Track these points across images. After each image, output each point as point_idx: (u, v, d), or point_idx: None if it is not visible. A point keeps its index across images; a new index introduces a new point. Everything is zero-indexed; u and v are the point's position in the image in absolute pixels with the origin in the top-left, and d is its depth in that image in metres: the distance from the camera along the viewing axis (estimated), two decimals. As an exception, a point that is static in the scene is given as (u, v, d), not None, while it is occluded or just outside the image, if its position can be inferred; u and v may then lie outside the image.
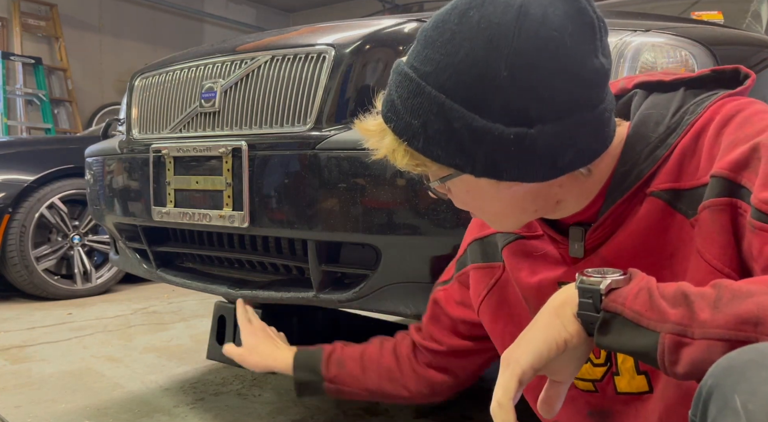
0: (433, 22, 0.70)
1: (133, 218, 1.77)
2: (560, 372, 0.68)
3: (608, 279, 0.63)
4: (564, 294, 0.67)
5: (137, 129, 1.80)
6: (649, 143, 0.74)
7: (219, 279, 1.66)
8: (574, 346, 0.65)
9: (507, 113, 0.65)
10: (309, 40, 1.46)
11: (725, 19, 2.04)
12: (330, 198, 1.32)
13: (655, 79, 0.80)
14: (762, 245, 0.62)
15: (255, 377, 2.15)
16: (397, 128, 0.71)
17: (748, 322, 0.54)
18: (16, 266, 3.38)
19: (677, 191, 0.72)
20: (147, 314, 3.18)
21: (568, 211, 0.78)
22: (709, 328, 0.56)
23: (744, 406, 0.48)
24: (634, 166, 0.74)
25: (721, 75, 0.78)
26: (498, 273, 0.93)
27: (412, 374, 1.11)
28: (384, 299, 1.35)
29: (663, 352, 0.58)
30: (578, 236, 0.79)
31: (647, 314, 0.60)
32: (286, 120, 1.42)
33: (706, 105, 0.73)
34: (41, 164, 3.48)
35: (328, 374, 1.15)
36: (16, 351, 2.52)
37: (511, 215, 0.78)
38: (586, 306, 0.64)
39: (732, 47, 1.50)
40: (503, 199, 0.74)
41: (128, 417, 1.82)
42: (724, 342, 0.55)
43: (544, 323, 0.66)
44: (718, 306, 0.56)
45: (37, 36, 7.29)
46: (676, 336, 0.57)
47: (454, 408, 1.87)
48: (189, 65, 1.66)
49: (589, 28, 0.67)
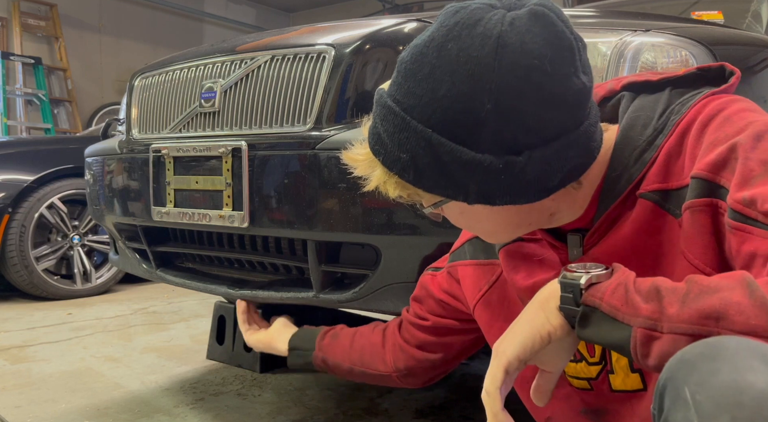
0: (411, 53, 0.70)
1: (132, 218, 1.77)
2: (548, 363, 0.72)
3: (589, 274, 0.66)
4: (548, 289, 0.70)
5: (137, 129, 1.80)
6: (637, 147, 0.75)
7: (219, 279, 1.66)
8: (559, 338, 0.68)
9: (494, 143, 0.66)
10: (309, 40, 1.46)
11: (725, 19, 2.04)
12: (330, 198, 1.32)
13: (642, 79, 0.81)
14: (739, 245, 0.64)
15: (255, 377, 2.15)
16: (386, 161, 0.72)
17: (710, 317, 0.56)
18: (16, 266, 3.38)
19: (665, 191, 0.72)
20: (147, 315, 3.18)
21: (563, 220, 0.79)
22: (675, 323, 0.58)
23: (693, 397, 0.49)
24: (624, 170, 0.75)
25: (707, 73, 0.79)
26: (499, 271, 0.94)
27: (392, 348, 1.15)
28: (384, 299, 1.35)
29: (635, 346, 0.60)
30: (576, 242, 0.80)
31: (623, 309, 0.62)
32: (286, 120, 1.42)
33: (690, 105, 0.74)
34: (41, 164, 3.48)
35: (321, 342, 1.24)
36: (16, 351, 2.52)
37: (505, 232, 0.79)
38: (567, 300, 0.66)
39: (732, 47, 1.50)
40: (497, 218, 0.75)
41: (128, 417, 1.82)
42: (687, 336, 0.57)
43: (530, 316, 0.70)
44: (686, 301, 0.58)
45: (37, 36, 7.29)
46: (647, 330, 0.59)
47: (454, 408, 1.87)
48: (189, 65, 1.66)
49: (568, 51, 0.67)
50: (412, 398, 1.95)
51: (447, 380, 2.13)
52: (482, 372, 2.31)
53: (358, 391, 2.01)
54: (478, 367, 2.27)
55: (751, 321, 0.54)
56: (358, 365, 1.19)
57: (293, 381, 2.11)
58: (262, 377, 2.15)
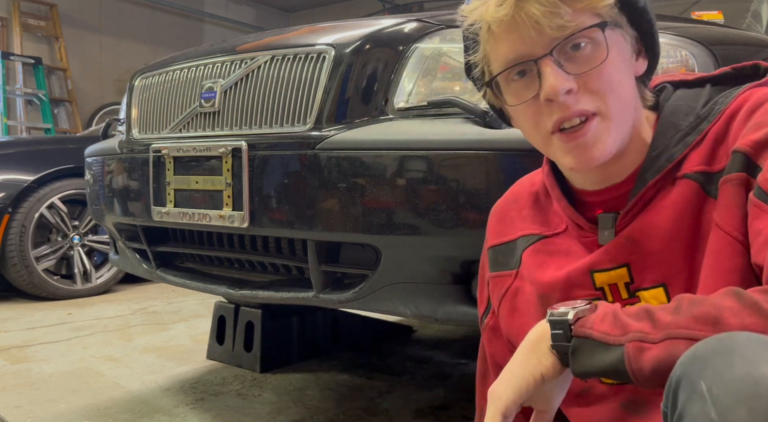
0: None
1: (132, 218, 1.77)
2: (542, 403, 0.74)
3: (576, 309, 0.68)
4: (538, 330, 0.71)
5: (137, 129, 1.80)
6: (679, 130, 0.76)
7: (219, 279, 1.66)
8: (551, 378, 0.69)
9: None
10: (309, 40, 1.46)
11: (725, 19, 2.04)
12: (330, 198, 1.32)
13: (678, 78, 0.82)
14: (752, 219, 0.66)
15: (255, 377, 2.15)
16: None
17: (707, 322, 0.58)
18: (16, 266, 3.38)
19: (709, 174, 0.73)
20: (147, 315, 3.18)
21: (618, 169, 0.77)
22: (672, 329, 0.60)
23: (709, 390, 0.51)
24: (665, 150, 0.75)
25: (740, 72, 0.80)
26: (508, 282, 0.93)
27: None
28: (384, 299, 1.35)
29: (629, 361, 0.61)
30: (609, 223, 0.79)
31: (613, 332, 0.64)
32: (286, 120, 1.42)
33: (735, 95, 0.75)
34: (41, 164, 3.48)
35: None
36: (16, 351, 2.52)
37: (630, 111, 0.76)
38: (558, 337, 0.68)
39: (732, 47, 1.50)
40: (630, 79, 0.76)
41: (128, 417, 1.82)
42: (685, 340, 0.58)
43: (522, 359, 0.71)
44: (679, 311, 0.61)
45: (37, 36, 7.29)
46: (638, 342, 0.61)
47: (454, 408, 1.87)
48: (189, 65, 1.66)
49: None
50: (412, 398, 1.95)
51: (447, 380, 2.14)
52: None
53: (358, 391, 2.01)
54: (478, 367, 2.27)
55: (745, 321, 0.57)
56: None
57: (293, 381, 2.11)
58: (262, 377, 2.15)
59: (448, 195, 1.21)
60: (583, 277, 0.81)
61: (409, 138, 1.26)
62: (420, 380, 2.12)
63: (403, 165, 1.25)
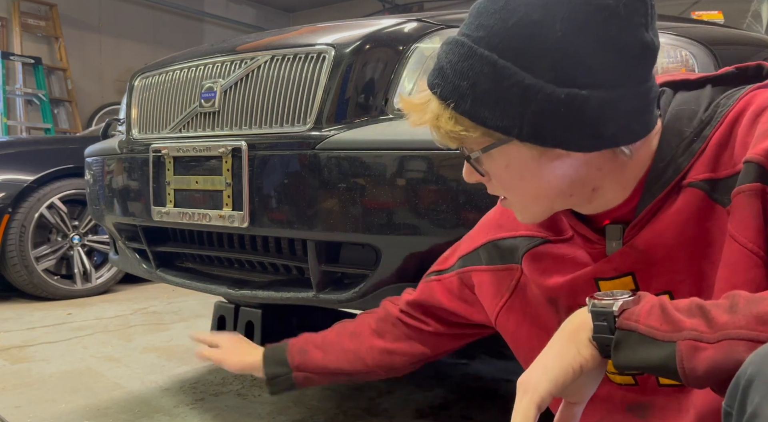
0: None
1: (132, 218, 1.77)
2: (575, 395, 0.70)
3: (620, 301, 0.65)
4: (577, 320, 0.69)
5: (137, 129, 1.80)
6: (684, 138, 0.74)
7: (219, 279, 1.66)
8: (590, 369, 0.67)
9: (559, 73, 0.66)
10: (309, 40, 1.46)
11: (725, 19, 2.04)
12: (330, 198, 1.32)
13: (680, 78, 0.81)
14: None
15: (255, 377, 2.15)
16: (444, 92, 0.72)
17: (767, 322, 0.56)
18: (16, 266, 3.38)
19: (714, 181, 0.72)
20: (147, 315, 3.18)
21: (602, 204, 0.78)
22: (730, 329, 0.57)
23: None
24: (672, 160, 0.74)
25: (744, 72, 0.79)
26: (517, 275, 0.92)
27: (370, 351, 1.12)
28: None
29: (681, 360, 0.59)
30: (617, 234, 0.79)
31: (662, 328, 0.61)
32: (286, 120, 1.42)
33: (737, 97, 0.74)
34: (41, 164, 3.48)
35: (293, 362, 1.16)
36: (16, 351, 2.52)
37: (545, 200, 0.77)
38: (602, 329, 0.65)
39: (732, 47, 1.50)
40: (542, 178, 0.73)
41: (128, 417, 1.82)
42: (746, 341, 0.56)
43: (559, 349, 0.68)
44: (736, 311, 0.58)
45: (37, 36, 7.29)
46: (693, 341, 0.59)
47: (454, 408, 1.87)
48: (189, 65, 1.66)
49: (642, 3, 0.69)
50: (412, 398, 1.95)
51: (447, 380, 2.14)
52: (482, 372, 2.31)
53: (358, 391, 2.01)
54: (478, 367, 2.27)
55: None
56: (340, 375, 1.15)
57: (293, 381, 2.10)
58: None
59: (448, 195, 1.21)
60: (588, 284, 0.81)
61: (409, 138, 1.26)
62: (420, 380, 2.12)
63: (403, 165, 1.25)
